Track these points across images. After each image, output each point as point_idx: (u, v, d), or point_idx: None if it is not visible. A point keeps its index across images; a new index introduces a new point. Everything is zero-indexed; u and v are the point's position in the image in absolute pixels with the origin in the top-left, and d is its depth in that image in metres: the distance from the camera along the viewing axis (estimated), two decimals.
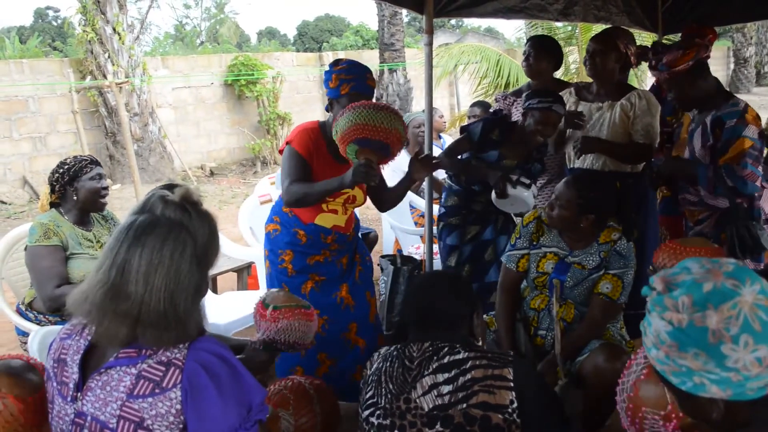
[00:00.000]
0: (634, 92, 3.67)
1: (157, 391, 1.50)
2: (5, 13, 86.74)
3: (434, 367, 1.99)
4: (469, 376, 1.95)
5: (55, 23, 38.86)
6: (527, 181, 3.39)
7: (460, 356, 1.99)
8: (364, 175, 2.76)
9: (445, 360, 1.99)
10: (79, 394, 1.57)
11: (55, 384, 1.64)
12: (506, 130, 3.54)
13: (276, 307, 2.32)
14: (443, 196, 3.77)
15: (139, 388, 1.50)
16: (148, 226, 1.56)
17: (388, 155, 2.86)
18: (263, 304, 2.37)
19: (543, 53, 4.10)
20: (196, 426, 1.50)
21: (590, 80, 3.90)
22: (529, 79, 4.33)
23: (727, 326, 1.19)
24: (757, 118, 3.11)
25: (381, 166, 2.96)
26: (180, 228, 1.58)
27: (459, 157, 3.67)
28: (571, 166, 3.81)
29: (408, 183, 3.14)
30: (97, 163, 3.32)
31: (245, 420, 1.55)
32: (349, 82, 2.99)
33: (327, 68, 3.11)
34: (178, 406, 1.50)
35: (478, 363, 1.97)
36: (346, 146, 2.80)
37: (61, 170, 3.23)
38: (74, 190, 3.23)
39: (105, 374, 1.54)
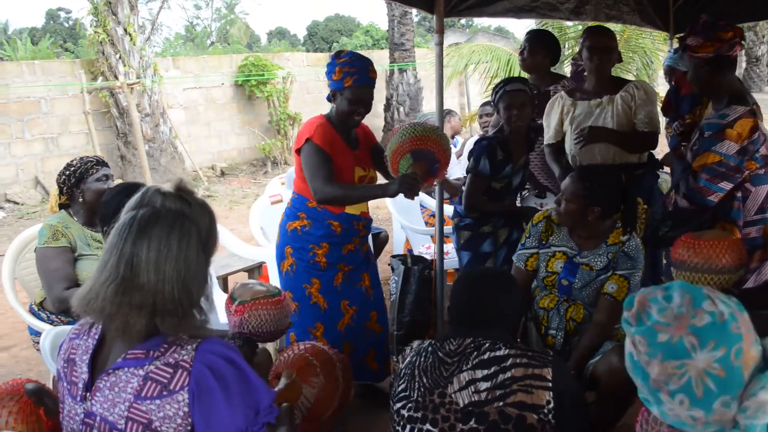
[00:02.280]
0: (630, 84, 3.69)
1: (164, 393, 1.50)
2: (17, 14, 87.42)
3: (474, 362, 1.97)
4: (509, 374, 1.93)
5: (66, 24, 39.06)
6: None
7: (501, 353, 1.97)
8: (409, 188, 2.92)
9: (486, 356, 1.97)
10: (88, 394, 1.57)
11: (65, 384, 1.64)
12: (502, 143, 3.50)
13: (242, 302, 2.40)
14: (464, 207, 3.65)
15: (146, 390, 1.50)
16: (151, 219, 1.55)
17: (435, 172, 3.06)
18: (231, 298, 2.45)
19: (538, 47, 4.13)
20: (203, 428, 1.50)
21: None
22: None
23: (666, 381, 1.19)
24: (752, 129, 2.97)
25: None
26: (183, 217, 1.59)
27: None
28: (579, 164, 3.78)
29: None
30: (103, 164, 3.32)
31: (252, 423, 1.55)
32: (353, 75, 3.06)
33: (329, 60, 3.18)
34: (186, 409, 1.49)
35: (518, 361, 1.96)
36: (399, 160, 2.97)
37: (68, 172, 3.24)
38: (81, 192, 3.24)
39: (113, 375, 1.54)
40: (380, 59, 15.06)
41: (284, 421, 1.65)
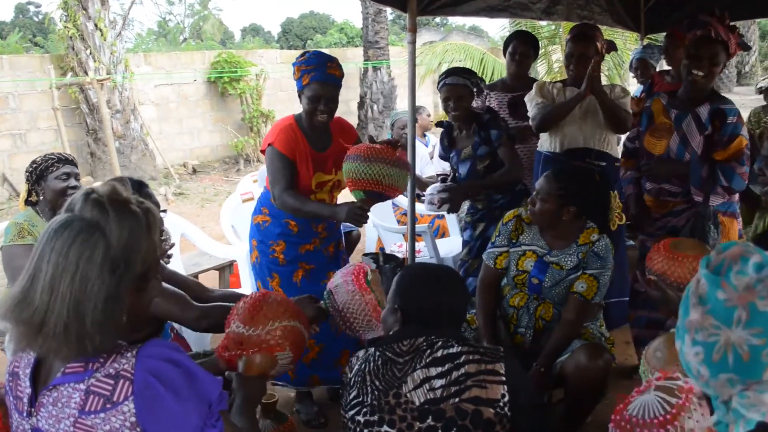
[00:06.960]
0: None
1: (108, 406, 1.44)
2: None
3: (427, 360, 1.97)
4: (462, 370, 1.94)
5: (36, 19, 38.47)
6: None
7: (454, 350, 1.97)
8: (356, 220, 2.96)
9: (439, 354, 1.97)
10: (33, 409, 1.51)
11: (11, 398, 1.58)
12: (449, 130, 3.76)
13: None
14: None
15: (90, 404, 1.44)
16: (61, 227, 1.44)
17: (384, 201, 3.12)
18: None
19: (529, 48, 4.27)
20: None
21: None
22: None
23: (697, 329, 1.18)
24: None
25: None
26: (92, 229, 1.44)
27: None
28: (551, 149, 3.83)
29: None
30: (67, 162, 3.23)
31: (208, 416, 1.51)
32: (309, 72, 3.03)
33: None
34: (133, 419, 1.44)
35: (471, 357, 1.96)
36: (352, 189, 2.97)
37: (30, 169, 3.19)
38: (42, 189, 3.18)
39: (55, 390, 1.48)
40: (354, 57, 15.05)
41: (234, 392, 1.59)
